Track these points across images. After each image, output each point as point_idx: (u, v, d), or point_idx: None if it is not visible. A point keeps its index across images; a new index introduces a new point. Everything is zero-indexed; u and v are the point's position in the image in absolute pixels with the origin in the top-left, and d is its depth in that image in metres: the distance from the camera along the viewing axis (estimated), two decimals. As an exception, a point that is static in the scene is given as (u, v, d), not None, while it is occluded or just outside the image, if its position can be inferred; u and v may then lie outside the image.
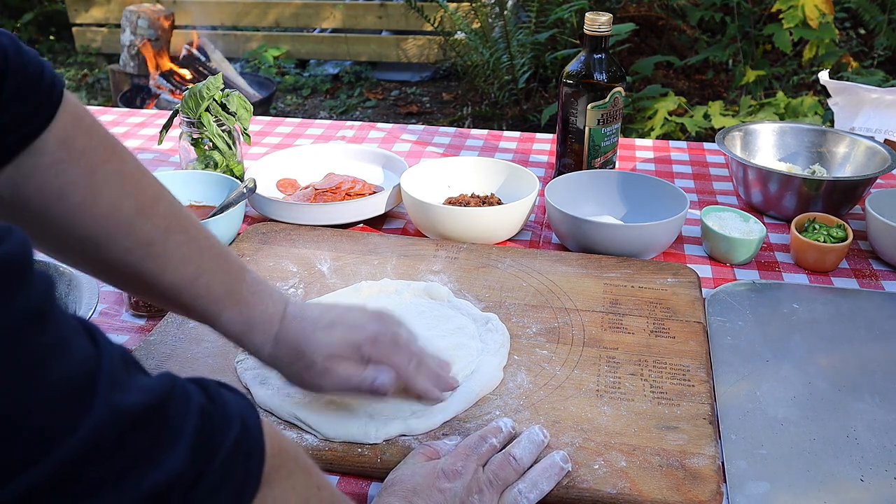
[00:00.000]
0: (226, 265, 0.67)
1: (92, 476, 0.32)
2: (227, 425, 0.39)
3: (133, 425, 0.34)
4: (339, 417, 0.72)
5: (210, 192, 1.14)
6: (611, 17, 1.17)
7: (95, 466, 0.32)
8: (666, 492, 0.65)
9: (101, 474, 0.32)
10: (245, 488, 0.39)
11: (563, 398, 0.76)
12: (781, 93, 2.92)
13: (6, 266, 0.31)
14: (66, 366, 0.32)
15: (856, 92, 1.41)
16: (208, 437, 0.37)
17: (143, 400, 0.35)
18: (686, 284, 0.95)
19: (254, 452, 0.40)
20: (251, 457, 0.40)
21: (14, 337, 0.30)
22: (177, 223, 0.64)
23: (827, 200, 1.13)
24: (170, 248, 0.63)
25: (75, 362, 0.33)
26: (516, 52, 3.56)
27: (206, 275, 0.65)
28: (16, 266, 0.31)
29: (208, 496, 0.36)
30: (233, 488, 0.38)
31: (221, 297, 0.66)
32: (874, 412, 0.77)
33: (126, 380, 0.35)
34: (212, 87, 1.15)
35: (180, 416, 0.36)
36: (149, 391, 0.36)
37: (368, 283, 0.94)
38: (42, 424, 0.30)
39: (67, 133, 0.58)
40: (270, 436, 0.42)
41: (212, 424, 0.38)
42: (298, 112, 4.14)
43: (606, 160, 1.24)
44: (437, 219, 1.07)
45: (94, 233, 0.59)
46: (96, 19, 4.61)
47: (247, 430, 0.40)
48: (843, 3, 3.49)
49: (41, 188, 0.57)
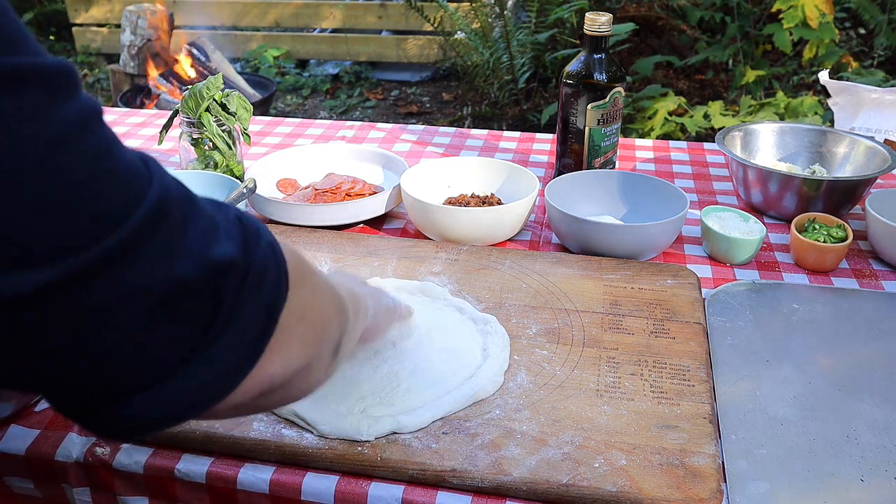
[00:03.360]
0: None
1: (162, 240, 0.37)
2: (259, 233, 0.43)
3: (184, 208, 0.39)
4: (336, 415, 0.72)
5: (210, 192, 1.14)
6: (611, 17, 1.17)
7: (163, 233, 0.37)
8: (666, 490, 0.65)
9: (171, 241, 0.37)
10: (279, 287, 0.43)
11: (564, 398, 0.76)
12: (781, 93, 2.92)
13: (67, 71, 0.35)
14: (127, 154, 0.37)
15: (856, 92, 1.41)
16: (248, 238, 0.42)
17: (186, 191, 0.40)
18: (686, 286, 0.95)
19: (280, 260, 0.44)
20: (279, 264, 0.44)
21: (82, 126, 0.35)
22: None
23: (827, 200, 1.13)
24: None
25: (132, 153, 0.38)
26: (516, 52, 3.56)
27: None
28: (73, 74, 0.36)
29: (255, 287, 0.41)
30: (273, 285, 0.42)
31: None
32: (874, 412, 0.77)
33: (170, 179, 0.39)
34: (212, 87, 1.15)
35: (223, 218, 0.41)
36: (188, 190, 0.41)
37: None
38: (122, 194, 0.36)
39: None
40: (286, 247, 0.47)
41: (248, 230, 0.42)
42: (298, 112, 4.14)
43: (606, 160, 1.24)
44: (437, 219, 1.07)
45: None
46: (96, 19, 4.61)
47: (272, 242, 0.44)
48: (843, 3, 3.49)
49: None
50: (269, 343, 0.42)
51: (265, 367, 0.42)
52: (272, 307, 0.42)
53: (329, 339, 0.51)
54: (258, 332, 0.42)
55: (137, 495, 0.73)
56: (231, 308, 0.39)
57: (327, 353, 0.51)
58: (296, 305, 0.45)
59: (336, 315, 0.53)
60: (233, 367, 0.41)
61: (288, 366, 0.44)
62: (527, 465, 0.68)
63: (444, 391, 0.76)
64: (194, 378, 0.39)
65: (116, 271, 0.35)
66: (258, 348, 0.42)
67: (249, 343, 0.41)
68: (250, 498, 0.70)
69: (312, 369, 0.48)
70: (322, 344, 0.50)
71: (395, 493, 0.68)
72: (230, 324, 0.40)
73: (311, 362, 0.48)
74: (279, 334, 0.43)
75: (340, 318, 0.53)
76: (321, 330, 0.49)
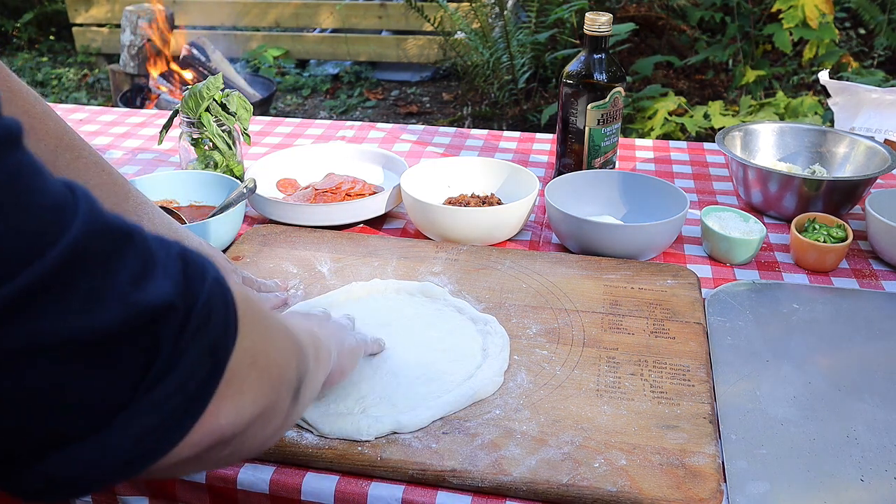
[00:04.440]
0: (111, 180, 0.71)
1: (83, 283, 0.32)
2: (204, 270, 0.39)
3: (117, 243, 0.34)
4: (336, 414, 0.72)
5: (210, 192, 1.14)
6: (611, 17, 1.17)
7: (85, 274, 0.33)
8: (666, 490, 0.65)
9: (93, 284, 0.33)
10: (227, 328, 0.40)
11: (564, 398, 0.76)
12: (781, 93, 2.92)
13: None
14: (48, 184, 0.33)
15: (856, 92, 1.41)
16: (190, 279, 0.37)
17: (122, 225, 0.36)
18: (686, 286, 0.95)
19: (228, 299, 0.40)
20: (227, 303, 0.40)
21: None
22: (64, 140, 0.67)
23: (827, 200, 1.13)
24: (59, 166, 0.66)
25: (56, 183, 0.34)
26: (516, 52, 3.57)
27: (93, 191, 0.69)
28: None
29: (199, 329, 0.37)
30: (219, 326, 0.39)
31: None
32: (874, 412, 0.77)
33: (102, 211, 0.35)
34: (212, 87, 1.15)
35: (164, 254, 0.37)
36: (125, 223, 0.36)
37: (360, 284, 0.94)
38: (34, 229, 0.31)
39: None
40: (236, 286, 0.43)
41: (192, 267, 0.38)
42: (298, 112, 4.14)
43: (606, 160, 1.24)
44: (437, 219, 1.07)
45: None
46: (96, 19, 4.61)
47: (219, 279, 0.40)
48: (843, 3, 3.49)
49: None
50: (216, 390, 0.38)
51: (213, 417, 0.39)
52: (219, 350, 0.39)
53: (287, 383, 0.47)
54: (203, 379, 0.38)
55: (137, 495, 0.73)
56: (169, 354, 0.36)
57: (286, 399, 0.47)
58: (248, 347, 0.41)
59: (294, 357, 0.49)
60: (174, 417, 0.37)
61: (240, 414, 0.41)
62: (527, 465, 0.68)
63: (444, 391, 0.76)
64: (128, 432, 0.35)
65: (25, 319, 0.31)
66: (204, 396, 0.38)
67: (193, 391, 0.37)
68: (250, 498, 0.70)
69: (269, 418, 0.45)
70: (279, 389, 0.46)
71: (395, 493, 0.68)
72: (169, 371, 0.36)
73: (267, 410, 0.44)
74: (229, 380, 0.39)
75: (299, 360, 0.50)
76: (277, 374, 0.46)
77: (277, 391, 0.45)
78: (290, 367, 0.48)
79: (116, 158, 1.43)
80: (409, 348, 0.82)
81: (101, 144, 1.50)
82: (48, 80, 4.54)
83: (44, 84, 4.53)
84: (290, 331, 0.50)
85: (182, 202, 1.15)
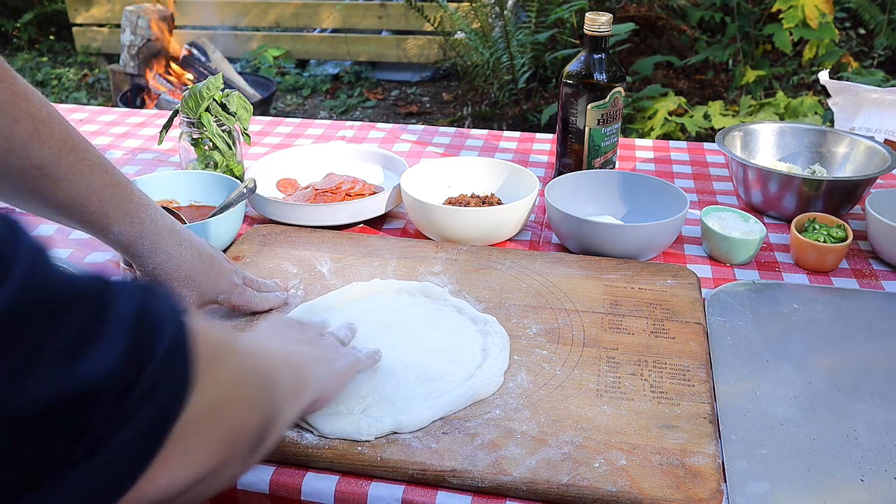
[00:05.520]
0: (114, 181, 0.72)
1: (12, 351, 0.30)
2: (161, 330, 0.37)
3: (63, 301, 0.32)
4: (336, 414, 0.72)
5: (210, 192, 1.14)
6: (611, 17, 1.17)
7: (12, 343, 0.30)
8: (666, 490, 0.65)
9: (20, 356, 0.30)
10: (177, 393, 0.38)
11: (564, 398, 0.76)
12: (781, 93, 2.92)
13: None
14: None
15: (856, 92, 1.41)
16: (140, 345, 0.35)
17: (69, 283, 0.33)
18: (686, 286, 0.95)
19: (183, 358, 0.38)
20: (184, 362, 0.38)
21: None
22: (68, 143, 0.67)
23: (827, 200, 1.13)
24: (64, 168, 0.66)
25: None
26: (516, 52, 3.57)
27: (97, 192, 0.69)
28: None
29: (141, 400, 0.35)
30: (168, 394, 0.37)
31: (112, 212, 0.71)
32: (874, 412, 0.77)
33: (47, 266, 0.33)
34: (212, 87, 1.15)
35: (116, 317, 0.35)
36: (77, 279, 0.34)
37: (360, 284, 0.94)
38: None
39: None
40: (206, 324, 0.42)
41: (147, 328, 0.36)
42: (298, 112, 4.14)
43: (606, 160, 1.24)
44: (437, 219, 1.07)
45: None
46: (96, 19, 4.61)
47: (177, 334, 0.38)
48: (843, 3, 3.49)
49: None
50: (154, 459, 0.37)
51: (151, 483, 0.37)
52: (165, 419, 0.37)
53: (246, 436, 0.45)
54: (138, 453, 0.36)
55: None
56: (97, 434, 0.34)
57: (242, 452, 0.45)
58: (204, 404, 0.39)
59: (259, 408, 0.47)
60: (102, 491, 0.35)
61: (183, 477, 0.39)
62: (527, 465, 0.68)
63: (444, 391, 0.76)
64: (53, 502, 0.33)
65: None
66: (136, 469, 0.36)
67: (123, 468, 0.35)
68: (250, 498, 0.70)
69: (220, 472, 0.43)
70: (235, 445, 0.44)
71: (395, 493, 0.68)
72: (95, 453, 0.34)
73: (219, 467, 0.42)
74: (176, 442, 0.37)
75: (266, 406, 0.48)
76: (236, 429, 0.44)
77: (232, 448, 0.44)
78: (253, 418, 0.46)
79: (116, 158, 1.43)
80: (409, 348, 0.82)
81: (102, 144, 1.50)
82: (48, 80, 4.54)
83: (44, 84, 4.53)
84: (262, 373, 0.49)
85: (182, 202, 1.15)
